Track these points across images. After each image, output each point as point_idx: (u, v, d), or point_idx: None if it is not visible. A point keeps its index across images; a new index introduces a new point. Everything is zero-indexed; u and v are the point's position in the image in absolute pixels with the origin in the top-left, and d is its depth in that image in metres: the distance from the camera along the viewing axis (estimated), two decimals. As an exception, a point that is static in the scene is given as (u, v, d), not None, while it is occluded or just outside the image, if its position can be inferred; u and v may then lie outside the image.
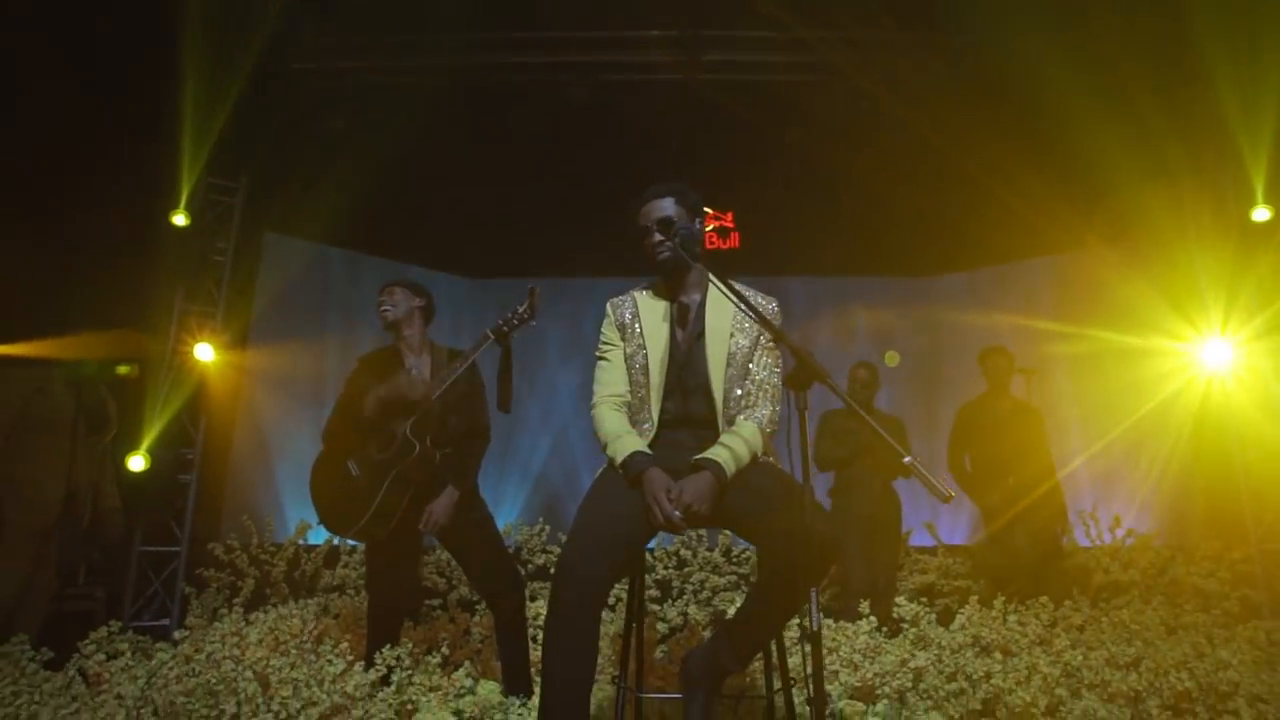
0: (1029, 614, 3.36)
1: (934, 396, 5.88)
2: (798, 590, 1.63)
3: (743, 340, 2.03)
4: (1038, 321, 5.36)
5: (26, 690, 2.19)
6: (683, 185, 2.09)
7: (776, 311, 2.09)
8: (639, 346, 2.05)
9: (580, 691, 1.59)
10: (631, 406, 2.03)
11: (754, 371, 2.03)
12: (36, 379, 2.85)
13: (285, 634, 3.04)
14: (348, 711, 2.20)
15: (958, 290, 5.96)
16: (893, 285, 5.97)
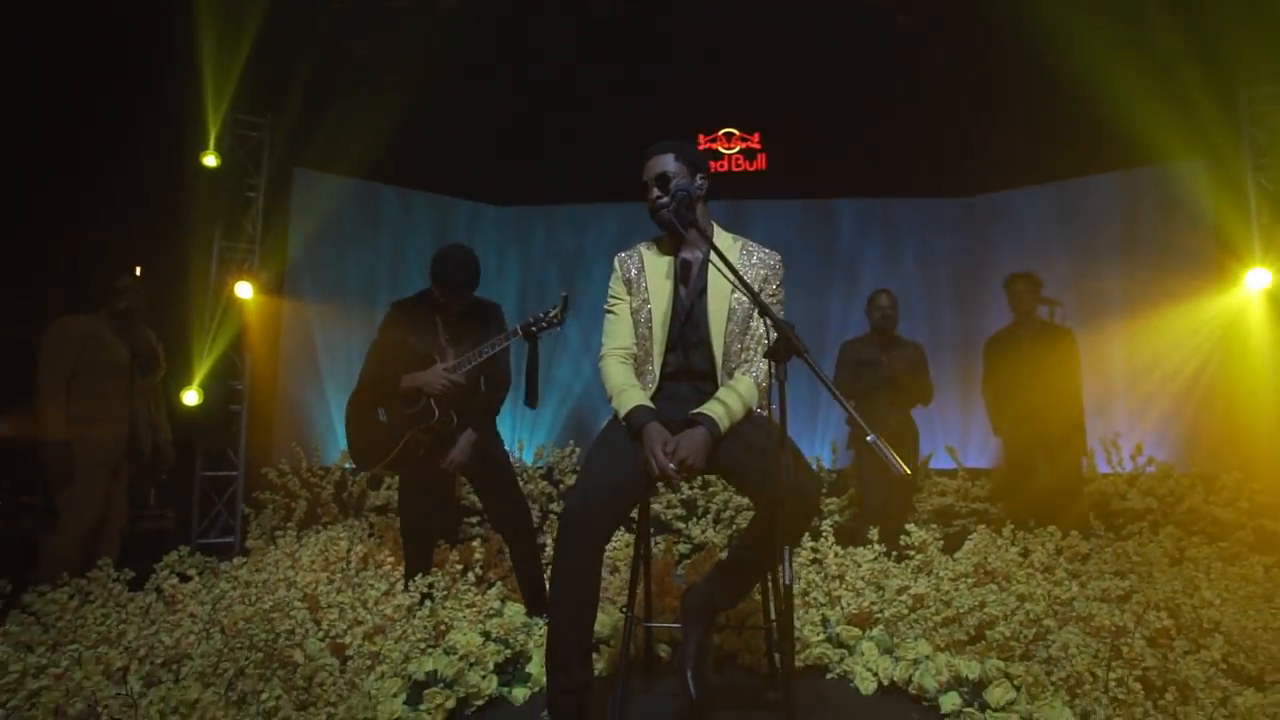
0: (1036, 541, 3.46)
1: (983, 320, 5.79)
2: (785, 539, 1.77)
3: (743, 296, 2.07)
4: (1079, 243, 5.19)
5: (115, 610, 2.50)
6: (684, 142, 2.08)
7: (779, 266, 2.12)
8: (644, 301, 2.11)
9: (583, 627, 1.76)
10: (637, 359, 2.12)
11: (754, 327, 2.08)
12: (87, 326, 3.04)
13: (334, 556, 3.34)
14: (389, 630, 2.46)
15: (996, 211, 5.76)
16: (926, 206, 5.78)
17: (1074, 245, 5.32)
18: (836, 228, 5.91)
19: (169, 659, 2.12)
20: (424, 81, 4.87)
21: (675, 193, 1.96)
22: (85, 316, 3.05)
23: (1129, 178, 5.14)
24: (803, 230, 5.86)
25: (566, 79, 5.36)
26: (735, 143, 5.58)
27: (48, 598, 2.47)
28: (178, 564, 3.04)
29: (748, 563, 1.95)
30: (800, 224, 5.86)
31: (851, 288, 5.75)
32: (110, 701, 1.79)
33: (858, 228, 5.87)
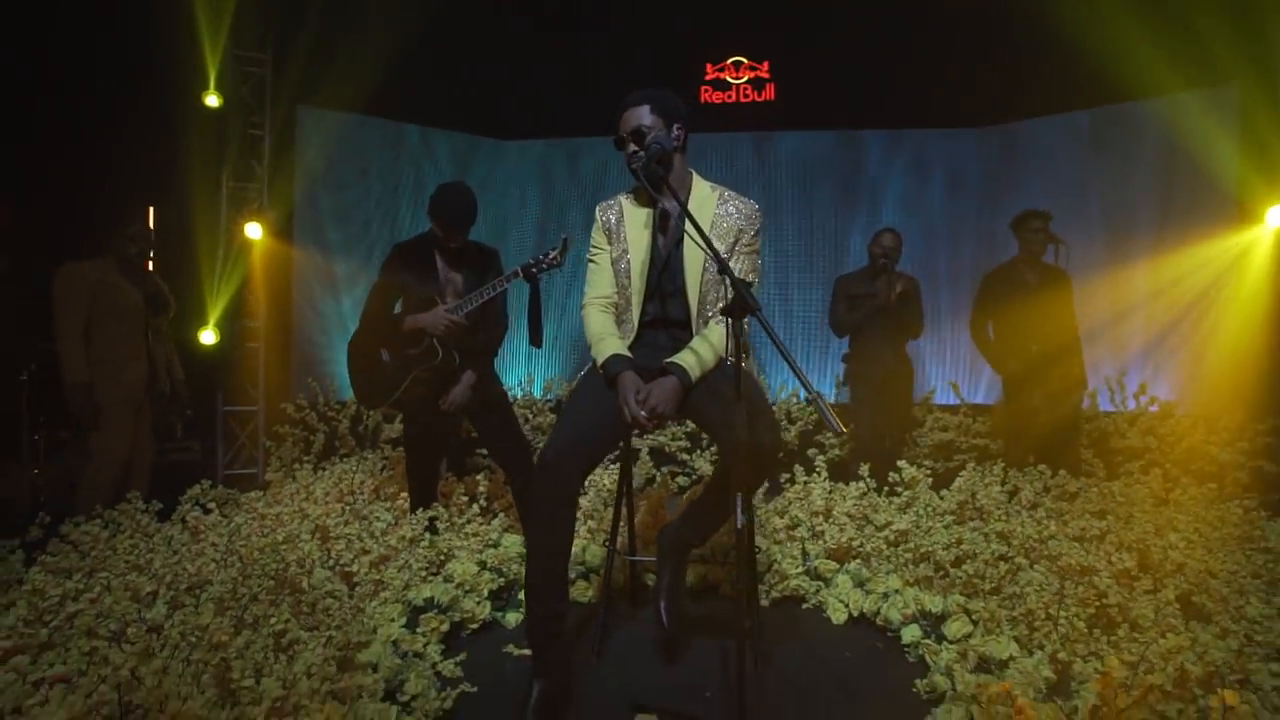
0: (1025, 480, 3.53)
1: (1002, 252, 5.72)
2: (747, 485, 1.88)
3: (719, 246, 2.09)
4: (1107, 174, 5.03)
5: (143, 540, 2.71)
6: (661, 91, 2.06)
7: (756, 216, 2.13)
8: (623, 252, 2.15)
9: (557, 562, 1.89)
10: (618, 307, 2.17)
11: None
12: (96, 272, 3.15)
13: (346, 489, 3.53)
14: (393, 559, 2.64)
15: (1017, 140, 5.58)
16: (939, 137, 5.61)
17: (1102, 177, 5.15)
18: (849, 158, 5.77)
19: (191, 585, 2.31)
20: (431, 13, 4.77)
21: (649, 147, 1.96)
22: (92, 262, 3.15)
23: (1162, 105, 4.91)
24: (810, 161, 5.74)
25: (574, 8, 5.20)
26: (744, 72, 5.40)
27: (82, 529, 2.68)
28: (201, 496, 3.25)
29: (714, 505, 2.05)
30: (808, 155, 5.73)
31: (870, 220, 5.67)
32: (137, 624, 1.98)
33: (874, 158, 5.72)
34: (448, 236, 2.88)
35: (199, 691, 1.46)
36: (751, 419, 1.83)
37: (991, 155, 5.60)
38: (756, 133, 5.58)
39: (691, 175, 2.15)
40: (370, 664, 1.87)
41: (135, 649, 1.56)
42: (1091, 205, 5.24)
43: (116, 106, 4.07)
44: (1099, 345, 5.17)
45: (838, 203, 5.70)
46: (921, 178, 5.70)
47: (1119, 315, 5.13)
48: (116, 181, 4.10)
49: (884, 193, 5.77)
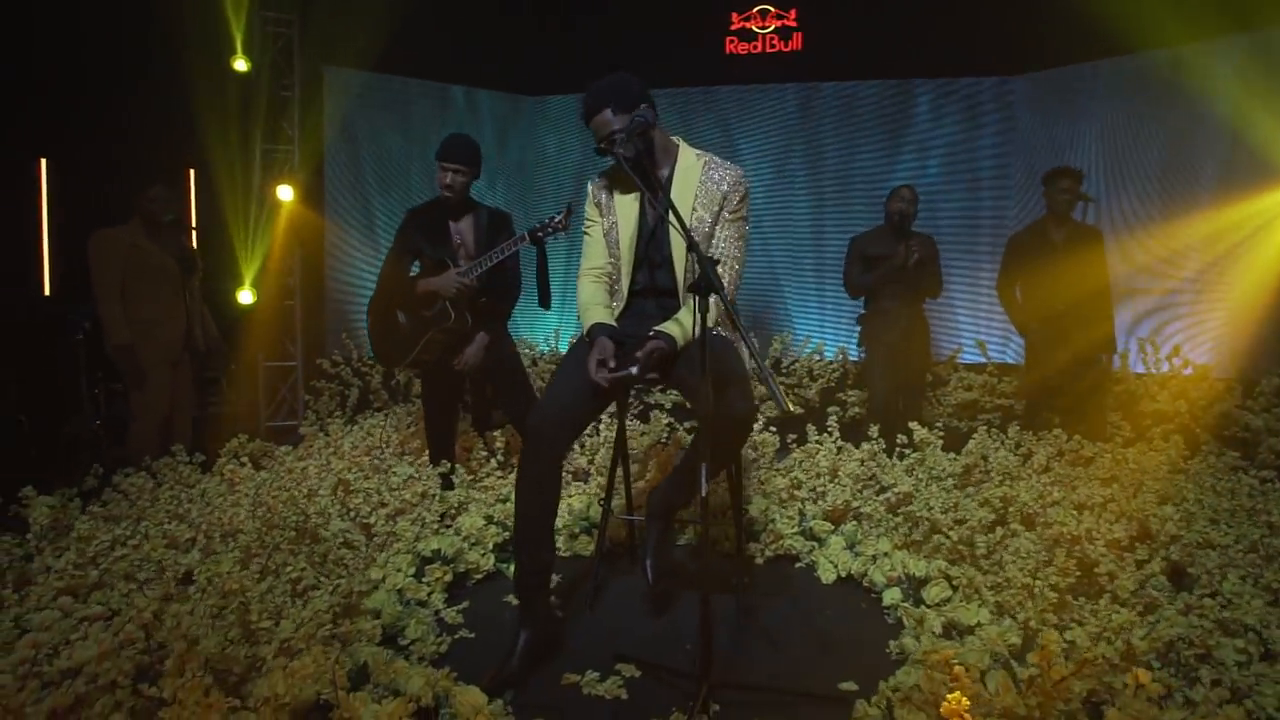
0: (1039, 444, 3.50)
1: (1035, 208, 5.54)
2: (722, 451, 1.97)
3: (703, 214, 2.12)
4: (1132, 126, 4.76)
5: (183, 490, 2.95)
6: (612, 86, 2.05)
7: (740, 182, 2.13)
8: (613, 223, 2.19)
9: (543, 519, 2.00)
10: (611, 277, 2.23)
11: (714, 244, 2.14)
12: (127, 236, 3.32)
13: (373, 443, 3.73)
14: (408, 513, 2.82)
15: (1042, 90, 5.31)
16: (970, 87, 5.37)
17: (1164, 125, 4.88)
18: (874, 109, 5.59)
19: (224, 534, 2.53)
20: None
21: (618, 139, 1.98)
22: (122, 227, 3.33)
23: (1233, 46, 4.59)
24: (836, 112, 5.58)
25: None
26: (770, 20, 5.23)
27: (130, 480, 2.92)
28: (239, 449, 3.49)
29: (695, 469, 2.13)
30: (834, 106, 5.57)
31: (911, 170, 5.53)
32: (172, 568, 2.19)
33: (911, 105, 5.52)
34: (452, 176, 2.94)
35: (213, 630, 1.63)
36: (723, 388, 1.89)
37: (1042, 102, 5.34)
38: (786, 83, 5.43)
39: (677, 144, 2.16)
40: (374, 610, 2.04)
41: (157, 593, 1.74)
42: (1150, 155, 4.98)
43: (153, 72, 4.20)
44: (1140, 303, 4.99)
45: (866, 153, 5.55)
46: (961, 125, 5.50)
47: (1162, 272, 4.93)
48: (156, 145, 4.27)
49: (914, 142, 5.59)
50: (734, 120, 5.73)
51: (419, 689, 1.58)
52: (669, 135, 2.14)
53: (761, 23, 5.24)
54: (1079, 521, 2.41)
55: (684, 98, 5.65)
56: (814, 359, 5.37)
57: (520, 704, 1.76)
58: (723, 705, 1.74)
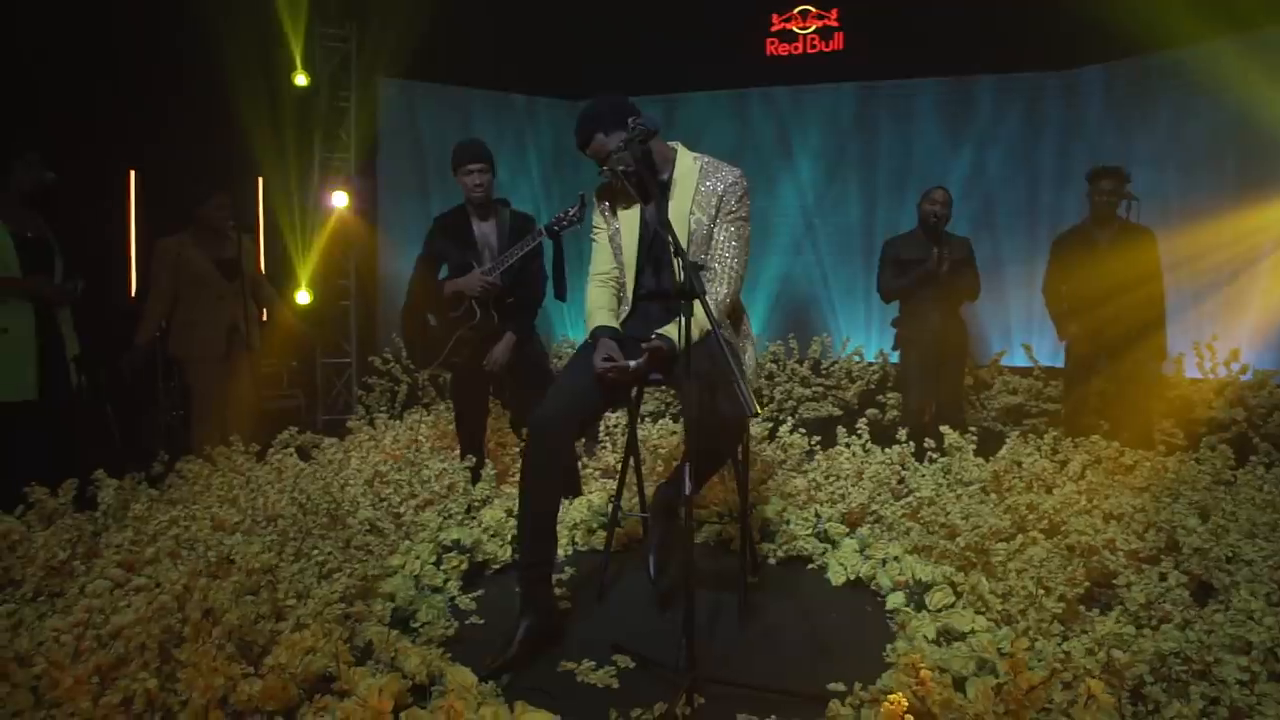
0: (1077, 451, 3.39)
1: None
2: (713, 454, 2.02)
3: (701, 217, 2.17)
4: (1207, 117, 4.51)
5: (234, 477, 3.19)
6: (598, 111, 2.12)
7: (736, 183, 2.17)
8: (616, 230, 2.27)
9: (545, 514, 2.09)
10: (617, 282, 2.32)
11: (714, 246, 2.18)
12: (178, 245, 3.57)
13: (414, 437, 3.92)
14: (436, 504, 2.97)
15: (1096, 86, 5.10)
16: (1023, 82, 5.19)
17: (1240, 115, 4.61)
18: (913, 111, 5.47)
19: (266, 518, 2.73)
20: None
21: (615, 160, 2.05)
22: (175, 237, 3.59)
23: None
24: (875, 114, 5.50)
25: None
26: (811, 21, 5.19)
27: (189, 467, 3.18)
28: (290, 440, 3.73)
29: (698, 469, 2.19)
30: (874, 107, 5.49)
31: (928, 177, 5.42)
32: (215, 548, 2.39)
33: (939, 110, 5.40)
34: (470, 175, 3.07)
35: (237, 605, 1.79)
36: (714, 391, 1.94)
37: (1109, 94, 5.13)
38: (827, 84, 5.38)
39: (675, 149, 2.22)
40: (389, 594, 2.18)
41: (187, 568, 1.92)
42: (1226, 149, 4.72)
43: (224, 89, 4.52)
44: (1209, 303, 4.74)
45: (907, 154, 5.45)
46: (1020, 121, 5.34)
47: (1233, 272, 4.66)
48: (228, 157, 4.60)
49: (969, 139, 5.45)
50: (789, 120, 5.71)
51: (415, 667, 1.70)
52: (665, 142, 2.20)
53: (802, 23, 5.22)
54: (1097, 531, 2.35)
55: (736, 99, 5.67)
56: (853, 360, 5.32)
57: (514, 687, 1.85)
58: (708, 699, 1.79)
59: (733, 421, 1.97)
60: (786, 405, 5.20)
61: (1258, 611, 1.78)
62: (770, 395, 5.29)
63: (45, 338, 3.18)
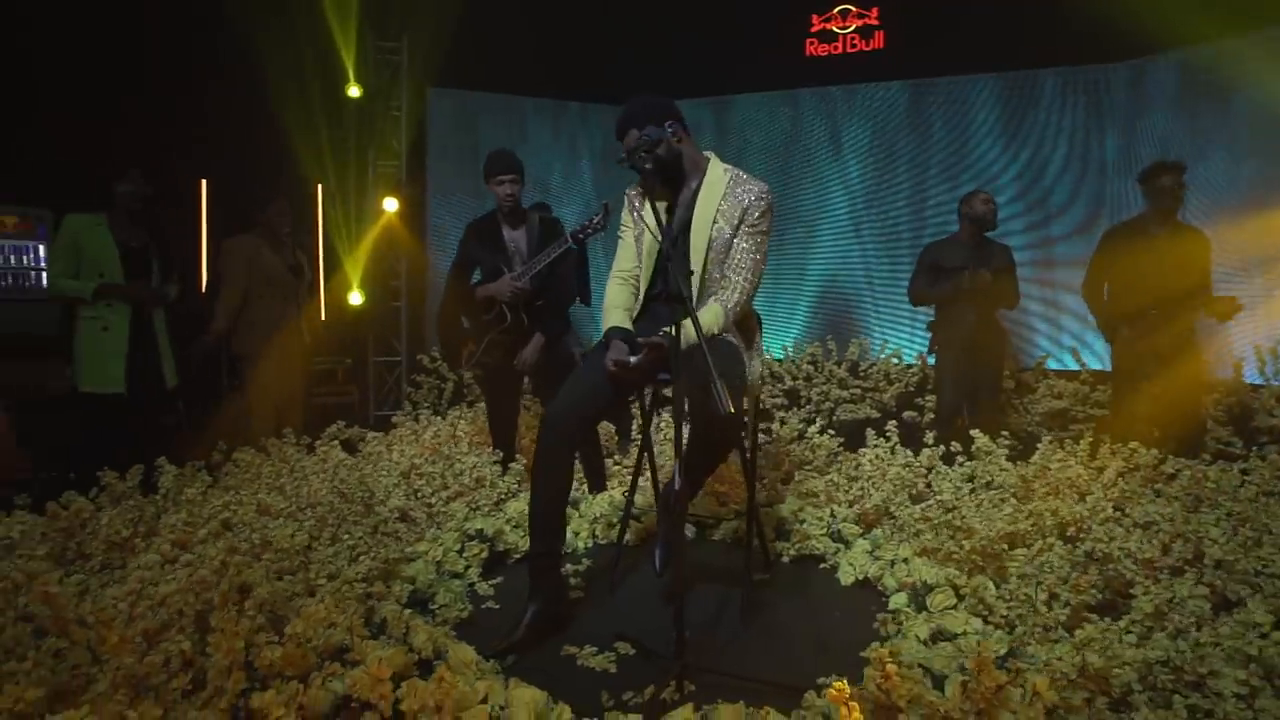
0: (1114, 458, 3.29)
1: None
2: (706, 452, 2.09)
3: (724, 226, 2.25)
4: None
5: (284, 466, 3.43)
6: (640, 108, 2.20)
7: (761, 198, 2.24)
8: (641, 231, 2.36)
9: (554, 507, 2.19)
10: (637, 280, 2.41)
11: (732, 255, 2.25)
12: (250, 246, 3.87)
13: (449, 434, 4.11)
14: (466, 495, 3.12)
15: (1146, 79, 4.87)
16: (1070, 76, 5.02)
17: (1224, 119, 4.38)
18: (957, 108, 5.35)
19: (308, 505, 2.93)
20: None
21: (644, 159, 2.12)
22: (246, 237, 3.88)
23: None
24: (919, 112, 5.40)
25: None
26: (851, 20, 5.16)
27: (244, 456, 3.44)
28: (338, 434, 3.97)
29: (694, 467, 2.26)
30: (917, 105, 5.39)
31: (974, 176, 5.31)
32: (259, 530, 2.60)
33: (986, 107, 5.26)
34: (502, 184, 3.19)
35: (267, 579, 1.97)
36: (707, 392, 2.00)
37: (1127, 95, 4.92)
38: (869, 83, 5.33)
39: (708, 158, 2.29)
40: (410, 577, 2.33)
41: (221, 546, 2.12)
42: None
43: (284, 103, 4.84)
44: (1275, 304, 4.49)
45: (955, 152, 5.34)
46: (1081, 114, 5.18)
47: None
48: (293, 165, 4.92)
49: (1023, 136, 5.31)
50: (830, 121, 5.68)
51: (422, 642, 1.84)
52: (699, 150, 2.27)
53: (842, 23, 5.19)
54: (1111, 539, 2.30)
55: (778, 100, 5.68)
56: (890, 363, 5.25)
57: (517, 667, 1.97)
58: (699, 687, 1.86)
59: (719, 420, 2.03)
60: (824, 407, 5.18)
61: (1265, 625, 1.74)
62: (807, 396, 5.28)
63: (138, 338, 3.48)
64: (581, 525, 3.00)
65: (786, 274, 6.13)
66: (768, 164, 5.91)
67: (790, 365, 5.46)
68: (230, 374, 4.76)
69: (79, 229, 3.29)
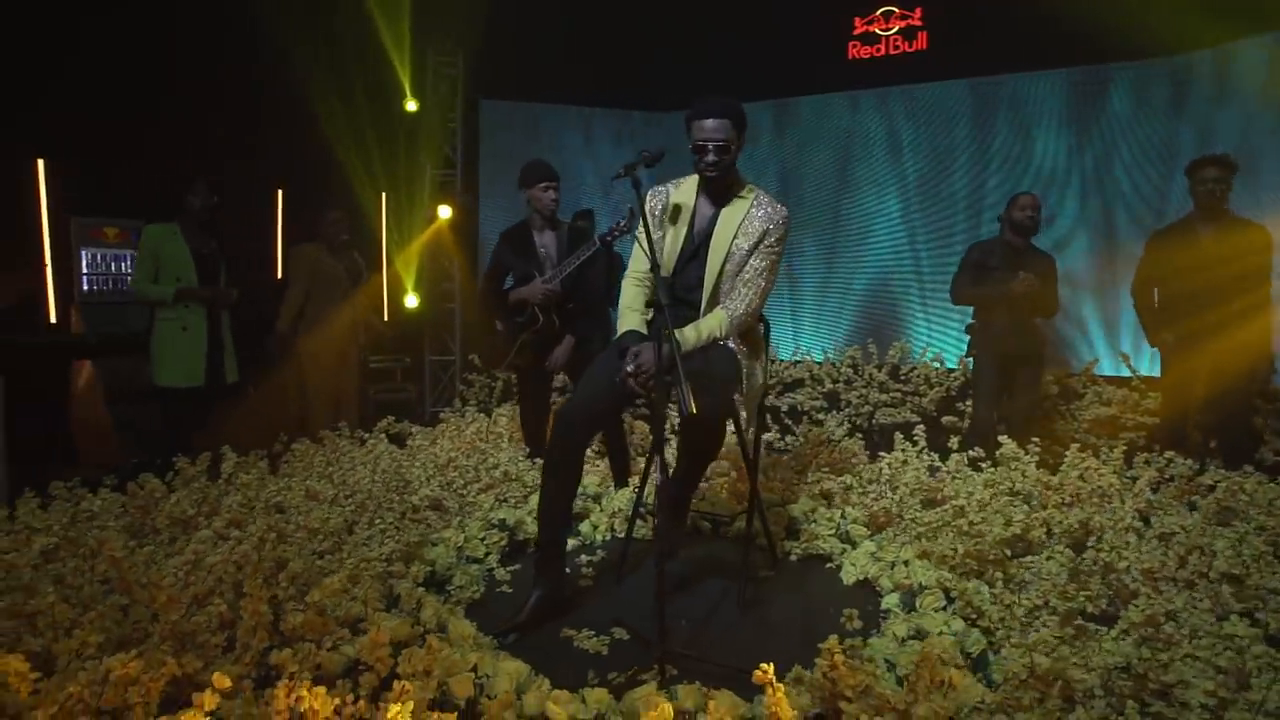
0: (1148, 467, 3.20)
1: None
2: (695, 449, 2.20)
3: (743, 243, 2.35)
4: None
5: (337, 456, 3.73)
6: (738, 105, 2.29)
7: (779, 221, 2.33)
8: (661, 236, 2.47)
9: (562, 500, 2.34)
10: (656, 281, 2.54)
11: (745, 270, 2.36)
12: (314, 252, 4.22)
13: (489, 430, 4.34)
14: (496, 488, 3.33)
15: (1205, 70, 4.63)
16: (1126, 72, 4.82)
17: None
18: (1012, 106, 5.21)
19: (352, 492, 3.21)
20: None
21: (724, 161, 2.25)
22: (309, 244, 4.22)
23: None
24: (962, 114, 5.29)
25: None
26: (894, 22, 5.11)
27: (301, 447, 3.76)
28: (388, 428, 4.26)
29: (684, 468, 2.38)
30: (967, 104, 5.28)
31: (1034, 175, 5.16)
32: (301, 514, 2.87)
33: (1029, 107, 5.11)
34: (546, 191, 3.37)
35: (299, 556, 2.21)
36: (697, 393, 2.12)
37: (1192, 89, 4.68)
38: (912, 84, 5.27)
39: (742, 180, 2.40)
40: (431, 560, 2.54)
41: (259, 525, 2.37)
42: None
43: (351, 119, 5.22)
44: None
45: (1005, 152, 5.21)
46: (1079, 127, 5.01)
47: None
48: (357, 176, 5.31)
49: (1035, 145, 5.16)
50: (887, 121, 5.64)
51: (428, 617, 2.03)
52: (737, 170, 2.37)
53: (885, 24, 5.14)
54: (1123, 547, 2.28)
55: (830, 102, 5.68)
56: (931, 367, 5.18)
57: (517, 645, 2.14)
58: (680, 671, 1.98)
59: (704, 420, 2.14)
60: (863, 410, 5.17)
61: (1247, 639, 1.72)
62: (847, 400, 5.28)
63: (211, 336, 3.84)
64: (601, 519, 3.16)
65: (836, 277, 6.11)
66: (815, 166, 5.91)
67: (831, 368, 5.46)
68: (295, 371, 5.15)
69: (157, 237, 3.66)
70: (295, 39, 4.74)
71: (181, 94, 4.64)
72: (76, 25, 4.57)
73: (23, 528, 2.46)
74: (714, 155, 2.26)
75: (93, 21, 4.54)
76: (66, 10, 4.51)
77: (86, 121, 4.31)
